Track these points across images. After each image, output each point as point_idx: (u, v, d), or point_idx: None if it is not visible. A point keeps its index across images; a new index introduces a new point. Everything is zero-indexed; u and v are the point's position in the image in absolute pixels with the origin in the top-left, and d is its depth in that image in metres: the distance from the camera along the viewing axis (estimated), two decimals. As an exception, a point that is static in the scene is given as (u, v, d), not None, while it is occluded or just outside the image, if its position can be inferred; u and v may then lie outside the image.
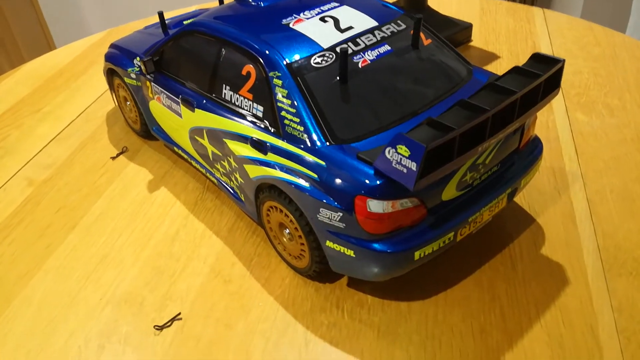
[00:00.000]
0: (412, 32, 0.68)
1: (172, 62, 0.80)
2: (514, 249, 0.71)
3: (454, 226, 0.59)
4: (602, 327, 0.61)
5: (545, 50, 1.14)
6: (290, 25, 0.68)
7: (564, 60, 0.59)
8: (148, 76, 0.84)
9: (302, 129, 0.60)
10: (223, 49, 0.70)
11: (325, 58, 0.64)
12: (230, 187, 0.76)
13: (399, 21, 0.70)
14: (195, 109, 0.75)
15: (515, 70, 0.59)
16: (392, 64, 0.65)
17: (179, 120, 0.81)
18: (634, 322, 0.61)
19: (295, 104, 0.61)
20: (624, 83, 1.01)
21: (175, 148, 0.87)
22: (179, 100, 0.78)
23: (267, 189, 0.66)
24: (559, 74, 0.60)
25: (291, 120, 0.61)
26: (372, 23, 0.68)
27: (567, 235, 0.72)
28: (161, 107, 0.84)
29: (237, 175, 0.71)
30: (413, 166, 0.50)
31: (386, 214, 0.55)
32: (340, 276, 0.68)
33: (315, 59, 0.64)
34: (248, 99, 0.67)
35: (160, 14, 0.92)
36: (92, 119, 1.06)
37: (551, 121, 0.93)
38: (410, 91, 0.64)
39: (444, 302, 0.65)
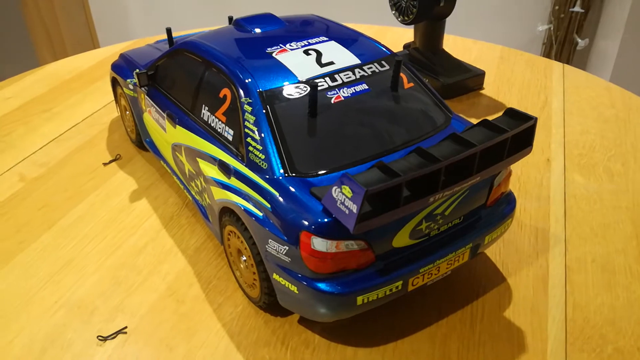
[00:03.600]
0: (402, 77, 0.67)
1: (164, 77, 0.81)
2: (477, 307, 0.68)
3: (403, 275, 0.57)
4: (550, 403, 0.57)
5: (557, 106, 1.11)
6: (273, 55, 0.68)
7: (535, 119, 0.57)
8: (142, 89, 0.86)
9: (263, 157, 0.60)
10: (206, 70, 0.71)
11: (299, 90, 0.64)
12: (202, 206, 0.76)
13: (383, 61, 0.69)
14: (177, 125, 0.76)
15: (483, 123, 0.58)
16: (366, 103, 0.65)
17: (163, 134, 0.82)
18: (586, 403, 0.57)
19: (261, 131, 0.61)
20: (631, 149, 0.98)
21: (162, 161, 0.88)
22: (165, 115, 0.79)
23: (228, 213, 0.66)
24: (530, 131, 0.58)
25: (255, 147, 0.61)
26: (354, 61, 0.68)
27: (535, 300, 0.68)
28: (151, 120, 0.86)
29: (206, 196, 0.71)
30: (354, 208, 0.48)
31: (330, 254, 0.54)
32: (291, 311, 0.67)
33: (288, 89, 0.64)
34: (222, 122, 0.67)
35: (168, 30, 0.94)
36: (96, 124, 1.09)
37: (546, 179, 0.90)
38: (380, 133, 0.63)
39: (392, 353, 0.62)
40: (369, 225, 0.50)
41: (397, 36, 1.44)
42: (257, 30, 0.76)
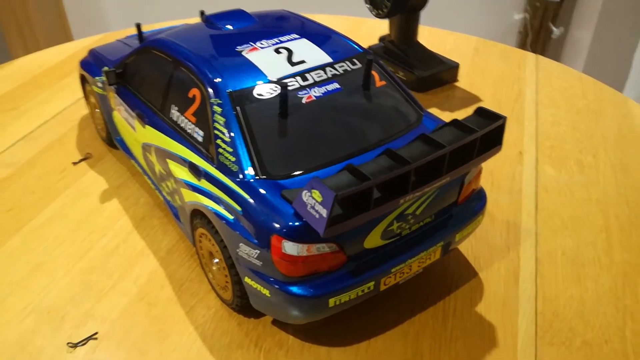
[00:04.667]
0: (374, 75, 0.67)
1: (133, 75, 0.80)
2: (449, 303, 0.68)
3: (375, 275, 0.57)
4: (520, 398, 0.58)
5: (529, 97, 1.12)
6: (243, 53, 0.67)
7: (505, 118, 0.58)
8: (111, 87, 0.84)
9: (233, 159, 0.59)
10: (175, 69, 0.69)
11: (270, 90, 0.63)
12: (173, 207, 0.75)
13: (354, 59, 0.69)
14: (146, 125, 0.74)
15: (453, 123, 0.58)
16: (338, 103, 0.64)
17: (133, 133, 0.80)
18: (555, 397, 0.58)
19: (231, 133, 0.60)
20: (602, 140, 0.99)
21: (133, 160, 0.87)
22: (134, 115, 0.78)
23: (199, 216, 0.65)
24: (500, 131, 0.58)
25: (225, 149, 0.60)
26: (325, 59, 0.68)
27: (506, 294, 0.69)
28: (121, 119, 0.84)
29: (177, 197, 0.70)
30: (324, 212, 0.48)
31: (301, 257, 0.54)
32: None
33: (258, 90, 0.63)
34: (191, 122, 0.66)
35: (138, 26, 0.92)
36: (66, 121, 1.06)
37: (518, 172, 0.91)
38: (352, 133, 0.62)
39: (365, 352, 0.63)
40: (340, 228, 0.50)
41: (373, 28, 1.43)
42: (228, 27, 0.74)
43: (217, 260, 0.65)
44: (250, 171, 0.58)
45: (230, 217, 0.58)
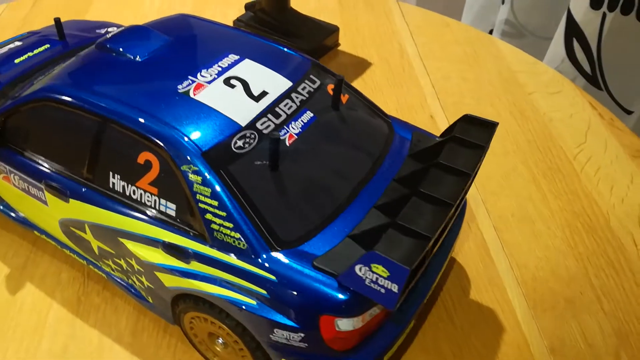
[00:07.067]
0: (331, 92, 0.60)
1: (23, 136, 0.61)
2: (446, 298, 0.70)
3: (414, 313, 0.55)
4: (544, 373, 0.63)
5: (411, 52, 1.14)
6: (191, 95, 0.55)
7: (497, 124, 0.57)
8: (-15, 151, 0.64)
9: (237, 235, 0.50)
10: (102, 128, 0.55)
11: (247, 140, 0.53)
12: (128, 285, 0.63)
13: (311, 76, 0.61)
14: (70, 199, 0.59)
15: (454, 139, 0.56)
16: (320, 134, 0.57)
17: (42, 207, 0.63)
18: (568, 362, 0.64)
19: (225, 205, 0.50)
20: (492, 88, 1.06)
21: (36, 232, 0.69)
22: (42, 187, 0.61)
23: (190, 299, 0.55)
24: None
25: (222, 225, 0.51)
26: (286, 84, 0.59)
27: (488, 273, 0.73)
28: (12, 188, 0.66)
29: (143, 279, 0.58)
30: (394, 288, 0.44)
31: (357, 330, 0.49)
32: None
33: (235, 142, 0.53)
34: (152, 194, 0.54)
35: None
36: None
37: (439, 138, 0.93)
38: (346, 165, 0.57)
39: (397, 377, 0.62)
40: (405, 294, 0.46)
41: (224, -9, 1.29)
42: (139, 56, 0.60)
43: (222, 340, 0.57)
44: (264, 245, 0.50)
45: (252, 302, 0.50)
